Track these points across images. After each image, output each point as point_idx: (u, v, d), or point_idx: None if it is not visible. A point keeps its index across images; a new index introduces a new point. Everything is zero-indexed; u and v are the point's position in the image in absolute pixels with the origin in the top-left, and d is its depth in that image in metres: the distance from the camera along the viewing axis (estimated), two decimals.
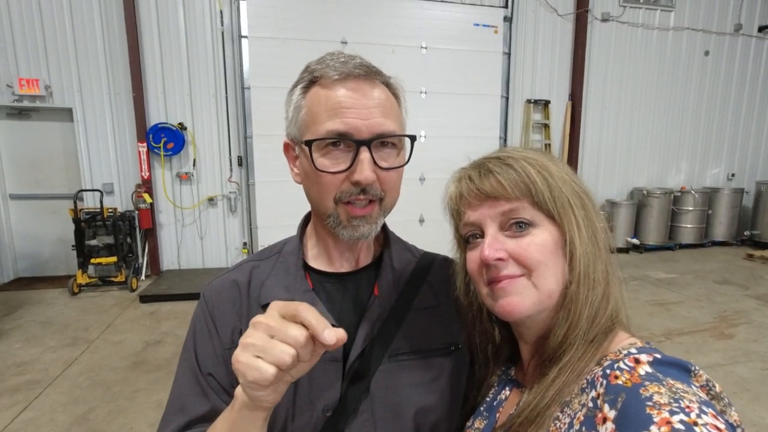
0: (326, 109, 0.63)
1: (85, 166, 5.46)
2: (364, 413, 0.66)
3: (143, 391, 3.04)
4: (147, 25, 5.40)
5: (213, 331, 0.70)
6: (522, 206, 0.58)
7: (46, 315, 4.42)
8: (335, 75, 0.64)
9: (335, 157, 0.64)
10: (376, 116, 0.63)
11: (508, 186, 0.58)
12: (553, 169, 0.60)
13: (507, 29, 6.45)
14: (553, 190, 0.58)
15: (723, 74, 7.60)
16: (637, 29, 7.06)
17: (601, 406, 0.46)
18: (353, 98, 0.63)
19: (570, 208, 0.58)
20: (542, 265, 0.57)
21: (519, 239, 0.58)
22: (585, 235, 0.58)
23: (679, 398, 0.42)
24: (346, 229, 0.66)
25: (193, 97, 5.65)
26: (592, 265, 0.57)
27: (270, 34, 5.61)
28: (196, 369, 0.68)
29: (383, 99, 0.65)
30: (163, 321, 4.29)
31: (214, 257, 6.01)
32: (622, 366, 0.49)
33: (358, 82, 0.64)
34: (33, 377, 3.23)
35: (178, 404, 0.67)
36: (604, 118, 7.16)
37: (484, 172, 0.61)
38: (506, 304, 0.57)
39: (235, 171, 5.87)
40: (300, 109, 0.67)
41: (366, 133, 0.62)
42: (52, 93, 5.27)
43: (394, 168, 0.66)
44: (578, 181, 0.62)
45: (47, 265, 5.65)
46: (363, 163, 0.62)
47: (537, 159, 0.61)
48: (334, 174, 0.64)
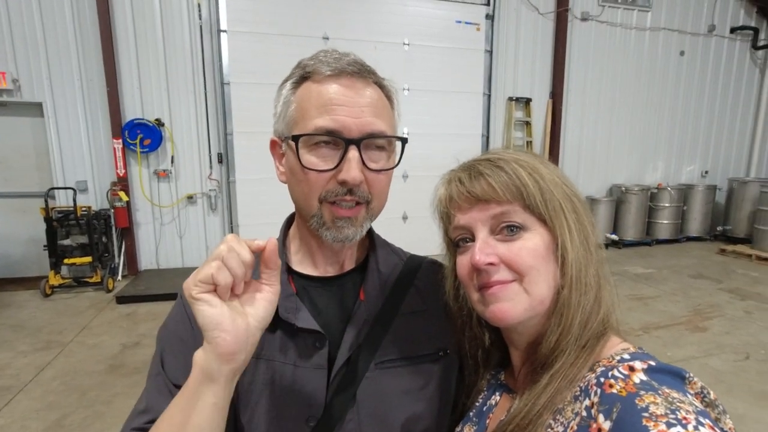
0: (316, 105, 0.61)
1: (57, 163, 5.26)
2: (351, 422, 0.64)
3: (121, 396, 2.96)
4: (121, 15, 5.21)
5: (190, 331, 0.66)
6: (513, 209, 0.57)
7: (17, 318, 4.25)
8: (328, 71, 0.62)
9: (323, 154, 0.61)
10: (367, 115, 0.61)
11: (498, 189, 0.57)
12: (544, 172, 0.59)
13: (489, 27, 6.48)
14: (544, 193, 0.57)
15: (697, 74, 7.82)
16: (615, 29, 7.19)
17: (596, 416, 0.45)
18: (345, 95, 0.61)
19: (561, 212, 0.57)
20: (534, 270, 0.56)
21: (510, 243, 0.57)
22: (577, 239, 0.57)
23: (676, 409, 0.41)
24: (330, 230, 0.63)
25: (170, 92, 5.50)
26: (584, 270, 0.56)
27: (250, 28, 5.50)
28: (160, 369, 0.65)
29: (375, 99, 0.63)
30: (140, 323, 4.18)
31: (194, 256, 5.88)
32: (616, 374, 0.47)
33: (351, 80, 0.62)
34: (3, 383, 3.11)
35: (141, 407, 0.63)
36: (584, 116, 7.28)
37: (474, 175, 0.59)
38: (497, 310, 0.56)
39: (215, 168, 5.75)
40: (289, 104, 0.65)
41: (356, 131, 0.60)
42: (20, 87, 5.05)
43: (384, 170, 0.64)
44: (569, 184, 0.61)
45: (18, 266, 5.43)
46: (351, 162, 0.60)
47: (528, 161, 0.60)
48: (321, 172, 0.61)
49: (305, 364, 0.64)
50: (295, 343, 0.64)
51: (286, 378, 0.64)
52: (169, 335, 0.68)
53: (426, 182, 6.67)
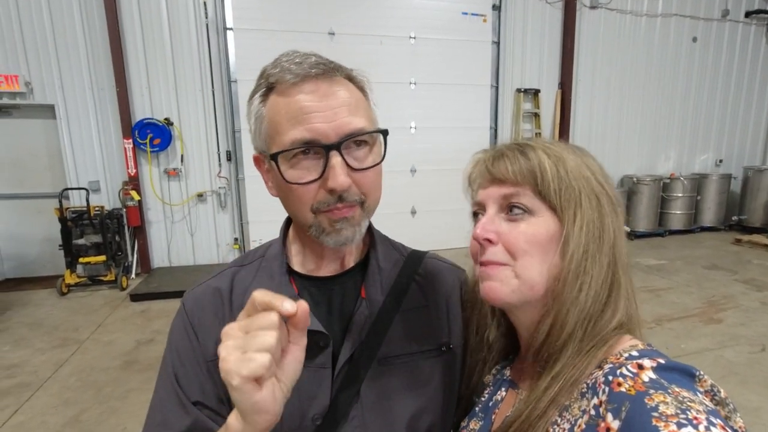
0: (287, 117, 0.59)
1: (70, 164, 5.35)
2: (355, 419, 0.65)
3: (135, 391, 3.01)
4: (128, 17, 5.26)
5: (195, 343, 0.67)
6: (523, 192, 0.58)
7: (34, 316, 4.35)
8: (291, 78, 0.59)
9: (305, 166, 0.60)
10: (343, 115, 0.59)
11: (512, 171, 0.58)
12: (570, 163, 0.58)
13: (496, 18, 6.41)
14: (561, 182, 0.57)
15: (711, 60, 7.64)
16: (625, 16, 7.05)
17: (604, 415, 0.45)
18: (314, 101, 0.58)
19: (576, 205, 0.57)
20: (527, 255, 0.56)
21: (513, 224, 0.58)
22: (585, 234, 0.56)
23: (686, 408, 0.40)
24: (330, 235, 0.63)
25: (178, 91, 5.54)
26: (586, 267, 0.55)
27: (256, 26, 5.51)
28: (175, 384, 0.66)
29: (347, 96, 0.61)
30: (154, 319, 4.25)
31: (205, 254, 5.95)
32: (624, 372, 0.47)
33: (317, 83, 0.59)
34: (23, 380, 3.18)
35: (159, 418, 0.65)
36: (593, 106, 7.17)
37: (497, 156, 0.61)
38: (488, 287, 0.58)
39: (224, 166, 5.80)
40: (261, 119, 0.63)
41: (333, 135, 0.58)
42: (32, 89, 5.13)
43: (370, 167, 0.62)
44: (603, 181, 0.60)
45: (34, 265, 5.55)
46: (335, 168, 0.58)
47: (556, 151, 0.60)
48: (307, 185, 0.60)
49: (309, 363, 0.64)
50: None
51: None
52: (176, 346, 0.68)
53: (434, 176, 6.67)
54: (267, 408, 0.46)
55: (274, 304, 0.45)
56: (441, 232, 6.50)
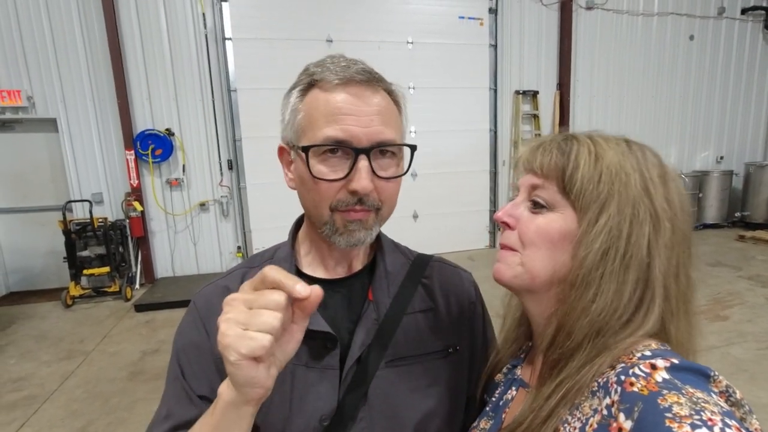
0: (325, 114, 0.61)
1: (73, 176, 5.38)
2: (363, 421, 0.65)
3: (142, 401, 3.02)
4: (128, 30, 5.31)
5: (205, 339, 0.68)
6: (548, 186, 0.57)
7: (40, 329, 4.36)
8: (336, 79, 0.61)
9: (333, 164, 0.61)
10: (376, 124, 0.61)
11: (540, 163, 0.58)
12: (609, 161, 0.54)
13: (492, 21, 6.45)
14: (588, 181, 0.54)
15: (708, 58, 7.66)
16: (622, 16, 7.08)
17: (616, 415, 0.44)
18: (353, 104, 0.61)
19: (601, 208, 0.53)
20: (534, 246, 0.57)
21: (532, 214, 0.59)
22: (602, 243, 0.52)
23: (701, 409, 0.40)
24: (342, 236, 0.64)
25: (179, 102, 5.58)
26: (601, 280, 0.52)
27: (254, 35, 5.55)
28: (181, 378, 0.66)
29: (384, 106, 0.63)
30: (159, 329, 4.26)
31: (208, 263, 5.96)
32: (637, 372, 0.46)
33: (360, 88, 0.62)
34: (30, 393, 3.19)
35: (164, 412, 0.65)
36: (592, 106, 7.19)
37: (537, 147, 0.61)
38: (495, 268, 0.61)
39: (225, 175, 5.82)
40: (297, 112, 0.64)
41: (365, 141, 0.60)
42: (34, 104, 5.18)
43: (393, 178, 0.65)
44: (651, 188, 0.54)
45: (39, 278, 5.57)
46: (361, 171, 0.60)
47: (600, 145, 0.56)
48: (331, 182, 0.61)
49: (317, 364, 0.65)
50: (306, 345, 0.65)
51: (299, 378, 0.65)
52: (184, 343, 0.69)
53: (435, 180, 6.67)
54: (261, 383, 0.47)
55: (286, 284, 0.45)
56: (443, 236, 6.51)
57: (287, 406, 0.65)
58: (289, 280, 0.45)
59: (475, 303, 0.78)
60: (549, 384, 0.53)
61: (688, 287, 0.56)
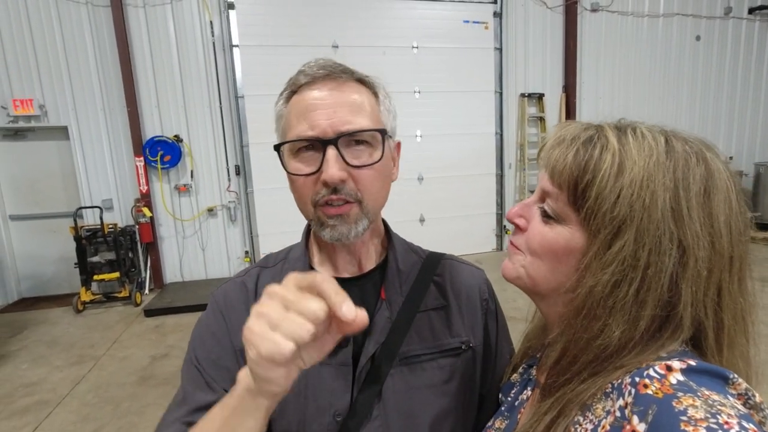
0: (296, 114, 0.64)
1: (83, 183, 5.46)
2: (377, 418, 0.66)
3: (152, 406, 3.04)
4: (137, 39, 5.40)
5: (225, 330, 0.69)
6: (557, 197, 0.52)
7: (51, 334, 4.41)
8: (304, 79, 0.65)
9: (305, 159, 0.64)
10: (342, 114, 0.62)
11: (554, 166, 0.52)
12: (635, 178, 0.46)
13: (497, 25, 6.46)
14: (603, 201, 0.47)
15: (716, 58, 7.60)
16: (627, 17, 7.06)
17: (630, 418, 0.42)
18: (318, 99, 0.63)
19: (616, 235, 0.46)
20: (536, 256, 0.55)
21: (541, 222, 0.55)
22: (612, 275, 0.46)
23: (717, 412, 0.38)
24: (326, 230, 0.65)
25: (187, 108, 5.65)
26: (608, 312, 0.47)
27: (261, 42, 5.62)
28: (198, 365, 0.67)
29: (354, 97, 0.65)
30: (168, 334, 4.29)
31: (216, 268, 6.01)
32: (651, 373, 0.44)
33: (324, 83, 0.64)
34: (41, 397, 3.23)
35: (180, 397, 0.66)
36: (599, 109, 7.16)
37: (557, 142, 0.53)
38: (503, 264, 0.61)
39: (233, 180, 5.87)
40: (281, 118, 0.68)
41: (331, 132, 0.62)
42: (46, 112, 5.27)
43: (366, 165, 0.64)
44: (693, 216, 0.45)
45: (50, 284, 5.64)
46: (329, 161, 0.61)
47: (628, 152, 0.48)
48: (306, 176, 0.64)
49: (330, 361, 0.66)
50: None
51: (312, 375, 0.66)
52: (203, 331, 0.71)
53: (441, 183, 6.67)
54: (278, 383, 0.45)
55: (333, 299, 0.42)
56: (450, 240, 6.49)
57: (301, 401, 0.66)
58: (338, 296, 0.42)
59: (488, 300, 0.78)
60: (547, 399, 0.52)
61: (736, 317, 0.48)
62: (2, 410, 3.08)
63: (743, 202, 0.50)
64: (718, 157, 0.51)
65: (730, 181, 0.49)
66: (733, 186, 0.49)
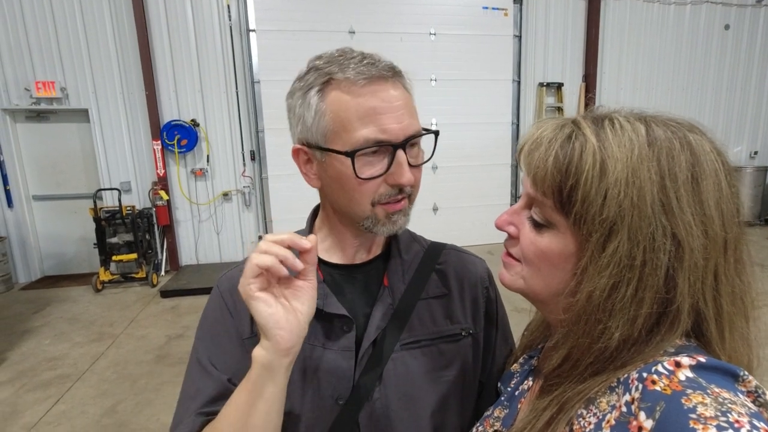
0: (358, 116, 0.61)
1: (103, 165, 5.57)
2: (378, 401, 0.68)
3: (168, 384, 3.13)
4: (156, 24, 5.43)
5: (230, 321, 0.71)
6: (543, 203, 0.51)
7: (72, 312, 4.56)
8: (362, 79, 0.61)
9: (371, 162, 0.63)
10: (406, 118, 0.63)
11: (535, 172, 0.50)
12: (620, 176, 0.45)
13: (517, 11, 6.31)
14: (590, 204, 0.46)
15: (744, 48, 7.32)
16: (653, 5, 6.83)
17: (636, 413, 0.42)
18: (384, 102, 0.62)
19: (608, 236, 0.46)
20: (533, 266, 0.54)
21: (531, 229, 0.54)
22: (610, 278, 0.46)
23: (727, 411, 0.37)
24: (385, 225, 0.67)
25: (204, 93, 5.69)
26: (608, 315, 0.47)
27: (277, 26, 5.60)
28: (206, 357, 0.69)
29: (407, 98, 0.65)
30: (184, 315, 4.39)
31: (230, 251, 6.10)
32: (660, 369, 0.43)
33: (386, 85, 0.63)
34: (63, 372, 3.35)
35: (191, 392, 0.68)
36: (619, 99, 6.98)
37: (535, 146, 0.51)
38: (500, 273, 0.60)
39: (248, 165, 5.92)
40: (321, 114, 0.63)
41: (401, 135, 0.62)
42: (68, 95, 5.37)
43: (422, 164, 0.68)
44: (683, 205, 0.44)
45: (71, 263, 5.81)
46: (403, 166, 0.63)
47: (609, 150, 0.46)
48: (374, 179, 0.64)
49: (333, 346, 0.68)
50: (323, 327, 0.68)
51: (316, 359, 0.68)
52: (209, 323, 0.73)
53: (455, 173, 6.63)
54: (281, 323, 0.54)
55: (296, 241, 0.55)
56: (463, 229, 6.47)
57: (305, 385, 0.67)
58: (300, 241, 0.55)
59: (488, 288, 0.80)
60: (545, 397, 0.52)
61: (734, 301, 0.48)
62: (27, 383, 3.21)
63: (734, 181, 0.48)
64: (703, 136, 0.49)
65: (717, 161, 0.48)
66: (722, 166, 0.48)
